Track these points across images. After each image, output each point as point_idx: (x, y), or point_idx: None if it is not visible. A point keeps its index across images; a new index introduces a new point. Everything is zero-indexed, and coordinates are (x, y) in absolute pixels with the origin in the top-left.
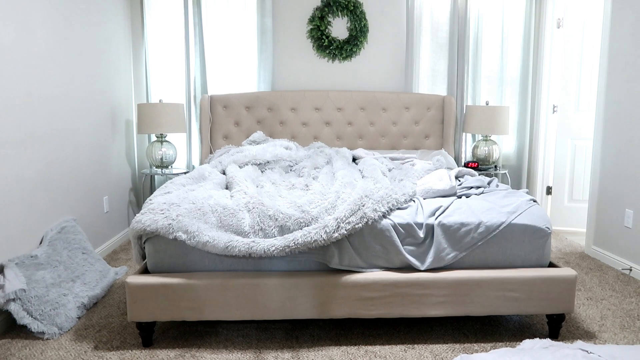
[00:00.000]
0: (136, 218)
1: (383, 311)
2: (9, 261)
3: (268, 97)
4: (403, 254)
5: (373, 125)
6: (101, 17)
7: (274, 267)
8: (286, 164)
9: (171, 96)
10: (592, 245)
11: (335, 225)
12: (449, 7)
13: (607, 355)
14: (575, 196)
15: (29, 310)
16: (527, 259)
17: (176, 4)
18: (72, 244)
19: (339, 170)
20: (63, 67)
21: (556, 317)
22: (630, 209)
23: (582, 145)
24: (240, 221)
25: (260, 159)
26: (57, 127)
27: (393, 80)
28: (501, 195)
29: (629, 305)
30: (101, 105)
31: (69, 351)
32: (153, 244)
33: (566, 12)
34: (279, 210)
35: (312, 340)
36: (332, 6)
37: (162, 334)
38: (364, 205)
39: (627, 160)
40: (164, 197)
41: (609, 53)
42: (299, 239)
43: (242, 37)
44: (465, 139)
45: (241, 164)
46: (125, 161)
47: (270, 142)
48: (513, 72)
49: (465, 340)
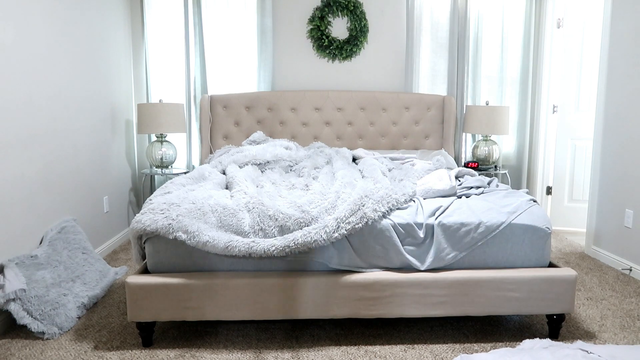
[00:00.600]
0: (136, 218)
1: (383, 311)
2: (9, 261)
3: (268, 97)
4: (403, 254)
5: (373, 125)
6: (101, 17)
7: (274, 267)
8: (286, 164)
9: (171, 96)
10: (592, 245)
11: (335, 225)
12: (449, 7)
13: (607, 355)
14: (575, 196)
15: (29, 310)
16: (527, 259)
17: (176, 4)
18: (72, 244)
19: (339, 170)
20: (63, 67)
21: (556, 317)
22: (630, 209)
23: (582, 145)
24: (240, 221)
25: (260, 159)
26: (57, 127)
27: (393, 80)
28: (501, 195)
29: (629, 305)
30: (101, 105)
31: (69, 351)
32: (153, 244)
33: (566, 12)
34: (279, 210)
35: (312, 340)
36: (332, 6)
37: (162, 334)
38: (364, 205)
39: (627, 160)
40: (164, 197)
41: (609, 53)
42: (299, 239)
43: (242, 37)
44: (465, 139)
45: (241, 164)
46: (125, 161)
47: (270, 142)
48: (513, 72)
49: (465, 340)
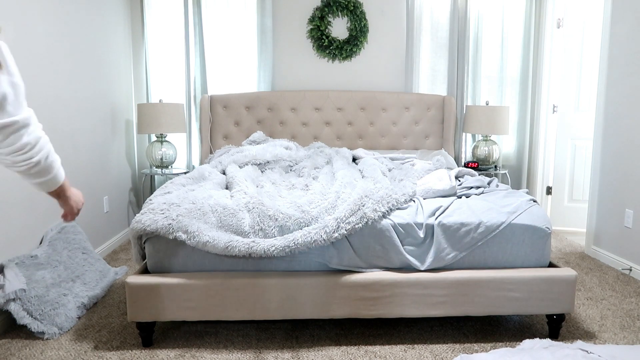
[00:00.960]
0: (136, 218)
1: (383, 311)
2: (9, 261)
3: (268, 97)
4: (403, 254)
5: (373, 125)
6: (101, 17)
7: (274, 267)
8: (286, 164)
9: (171, 96)
10: (592, 245)
11: (335, 225)
12: (449, 7)
13: (607, 355)
14: (575, 196)
15: (29, 310)
16: (527, 259)
17: (176, 4)
18: (72, 244)
19: (339, 170)
20: (63, 67)
21: (556, 317)
22: (630, 209)
23: (582, 145)
24: (240, 221)
25: (260, 159)
26: (57, 127)
27: (393, 80)
28: (501, 195)
29: (629, 305)
30: (101, 105)
31: (69, 351)
32: (153, 244)
33: (566, 12)
34: (279, 210)
35: (312, 340)
36: (332, 6)
37: (162, 334)
38: (364, 205)
39: (627, 160)
40: (164, 197)
41: (608, 53)
42: (299, 239)
43: (242, 37)
44: (465, 139)
45: (241, 164)
46: (125, 161)
47: (270, 142)
48: (513, 72)
49: (465, 340)
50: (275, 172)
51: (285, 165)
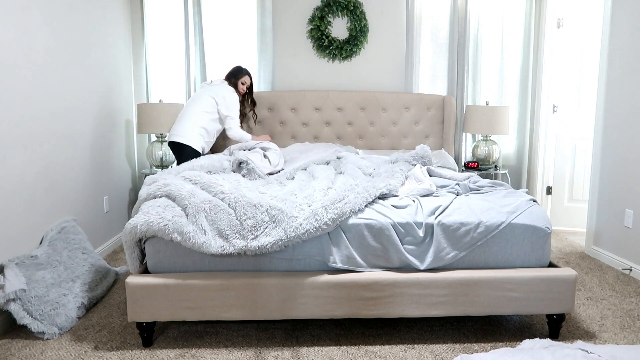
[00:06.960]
0: (130, 222)
1: (383, 311)
2: (9, 261)
3: (268, 97)
4: (403, 253)
5: (373, 125)
6: (101, 17)
7: (274, 267)
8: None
9: (171, 96)
10: (592, 245)
11: (324, 211)
12: (448, 7)
13: (607, 355)
14: (575, 196)
15: (29, 310)
16: (527, 259)
17: (176, 4)
18: (72, 244)
19: (316, 171)
20: (63, 67)
21: (556, 317)
22: (630, 209)
23: (582, 145)
24: (229, 216)
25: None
26: (57, 127)
27: (393, 80)
28: (501, 195)
29: (629, 305)
30: (101, 105)
31: (69, 351)
32: (153, 244)
33: (566, 12)
34: (263, 200)
35: (312, 340)
36: (332, 6)
37: (162, 334)
38: (347, 196)
39: (627, 160)
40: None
41: (608, 53)
42: (291, 232)
43: (242, 37)
44: (465, 139)
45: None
46: (125, 161)
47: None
48: (513, 72)
49: (465, 340)
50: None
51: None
